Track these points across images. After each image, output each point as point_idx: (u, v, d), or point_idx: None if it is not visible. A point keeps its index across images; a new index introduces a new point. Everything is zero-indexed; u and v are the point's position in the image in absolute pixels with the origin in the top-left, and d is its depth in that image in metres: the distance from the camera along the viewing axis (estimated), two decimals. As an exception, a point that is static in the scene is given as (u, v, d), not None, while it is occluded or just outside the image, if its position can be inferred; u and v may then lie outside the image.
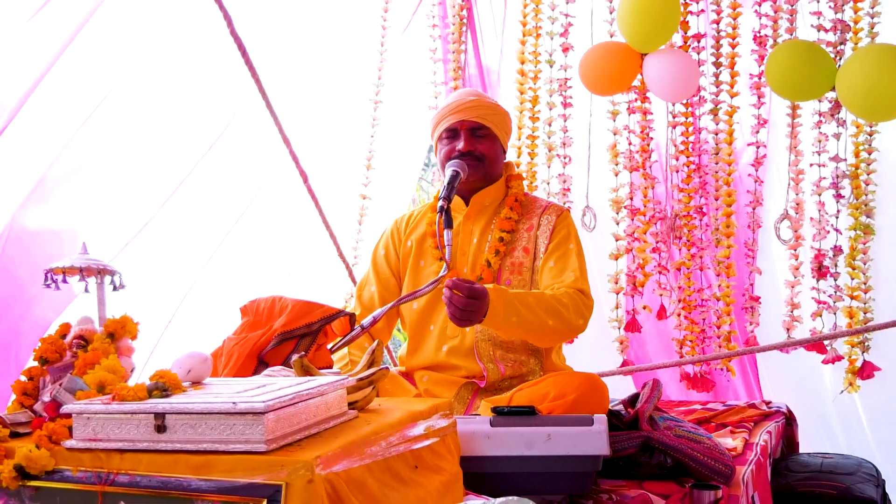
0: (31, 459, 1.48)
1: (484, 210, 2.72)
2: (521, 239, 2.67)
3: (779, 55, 3.26)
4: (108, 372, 1.66)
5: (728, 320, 3.60)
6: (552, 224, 2.66)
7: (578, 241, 2.66)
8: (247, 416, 1.41)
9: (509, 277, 2.63)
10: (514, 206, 2.70)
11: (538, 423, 2.12)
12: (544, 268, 2.61)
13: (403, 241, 2.79)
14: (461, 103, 2.68)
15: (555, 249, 2.62)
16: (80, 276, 1.90)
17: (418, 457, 1.69)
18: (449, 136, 2.68)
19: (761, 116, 3.58)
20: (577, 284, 2.52)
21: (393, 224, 2.87)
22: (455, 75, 3.98)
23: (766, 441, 2.95)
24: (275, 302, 2.44)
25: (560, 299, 2.44)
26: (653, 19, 3.43)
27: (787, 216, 3.52)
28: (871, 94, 3.06)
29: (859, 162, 3.43)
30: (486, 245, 2.67)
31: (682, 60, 3.50)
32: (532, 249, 2.65)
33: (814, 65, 3.20)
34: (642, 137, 3.70)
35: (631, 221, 3.73)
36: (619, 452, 2.35)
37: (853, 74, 3.09)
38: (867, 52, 3.17)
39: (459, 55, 3.99)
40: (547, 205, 2.75)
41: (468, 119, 2.65)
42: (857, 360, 3.43)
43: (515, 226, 2.68)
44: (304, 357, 1.93)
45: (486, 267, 2.63)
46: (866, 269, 3.42)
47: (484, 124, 2.65)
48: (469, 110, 2.66)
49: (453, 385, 2.57)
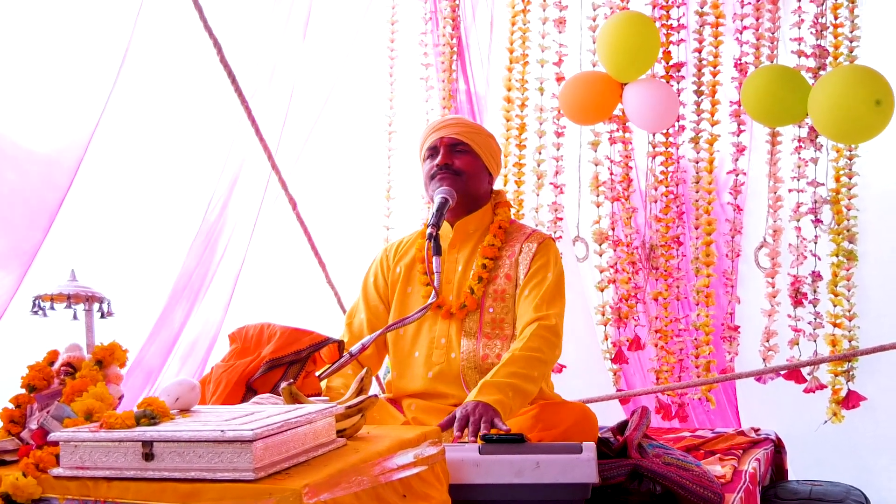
0: (18, 487, 1.47)
1: (469, 237, 2.73)
2: (503, 266, 2.68)
3: (754, 81, 3.29)
4: (95, 399, 1.66)
5: (707, 350, 3.59)
6: (533, 251, 2.67)
7: (558, 270, 2.65)
8: (235, 444, 1.41)
9: (492, 305, 2.64)
10: (498, 233, 2.71)
11: (527, 451, 2.11)
12: (520, 295, 2.62)
13: (392, 267, 2.81)
14: (441, 122, 2.76)
15: (531, 278, 2.63)
16: (68, 303, 1.90)
17: (407, 485, 1.68)
18: (430, 154, 2.73)
19: (740, 144, 3.59)
20: (544, 321, 2.51)
21: (382, 251, 2.88)
22: (445, 104, 4.00)
23: (756, 468, 2.95)
24: (263, 329, 2.44)
25: (530, 347, 2.45)
26: (632, 49, 3.46)
27: (765, 244, 3.53)
28: (841, 116, 3.09)
29: (840, 187, 3.42)
30: (470, 272, 2.68)
31: (662, 90, 3.52)
32: (514, 276, 2.66)
33: (789, 89, 3.22)
34: (623, 167, 3.71)
35: (614, 252, 3.73)
36: (608, 480, 2.34)
37: (823, 97, 3.12)
38: (836, 74, 3.19)
39: (450, 83, 4.01)
40: (531, 232, 2.76)
41: (447, 136, 2.70)
42: (840, 389, 3.40)
43: (498, 252, 2.69)
44: (292, 384, 1.93)
45: (469, 294, 2.64)
46: (850, 296, 3.40)
47: (462, 140, 2.69)
48: (448, 128, 2.71)
49: (441, 413, 2.56)
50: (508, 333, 2.62)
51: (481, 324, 2.63)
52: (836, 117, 3.11)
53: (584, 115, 3.64)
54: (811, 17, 3.42)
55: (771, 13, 3.51)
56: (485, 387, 2.34)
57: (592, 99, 3.58)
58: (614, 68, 3.52)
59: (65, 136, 2.64)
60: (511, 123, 3.89)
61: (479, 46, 4.11)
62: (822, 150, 3.42)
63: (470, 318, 2.64)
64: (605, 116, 3.66)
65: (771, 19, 3.51)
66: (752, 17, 3.53)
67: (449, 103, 3.99)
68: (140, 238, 3.10)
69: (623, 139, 3.71)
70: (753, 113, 3.34)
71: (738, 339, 3.59)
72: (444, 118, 2.81)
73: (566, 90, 3.62)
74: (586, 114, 3.63)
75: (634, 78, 3.54)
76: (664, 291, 3.65)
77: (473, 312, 2.64)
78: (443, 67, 4.01)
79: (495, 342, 2.61)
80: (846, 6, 3.41)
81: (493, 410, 2.25)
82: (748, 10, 3.54)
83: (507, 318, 2.63)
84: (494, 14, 4.08)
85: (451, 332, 2.64)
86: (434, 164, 2.68)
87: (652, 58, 3.52)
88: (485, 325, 2.62)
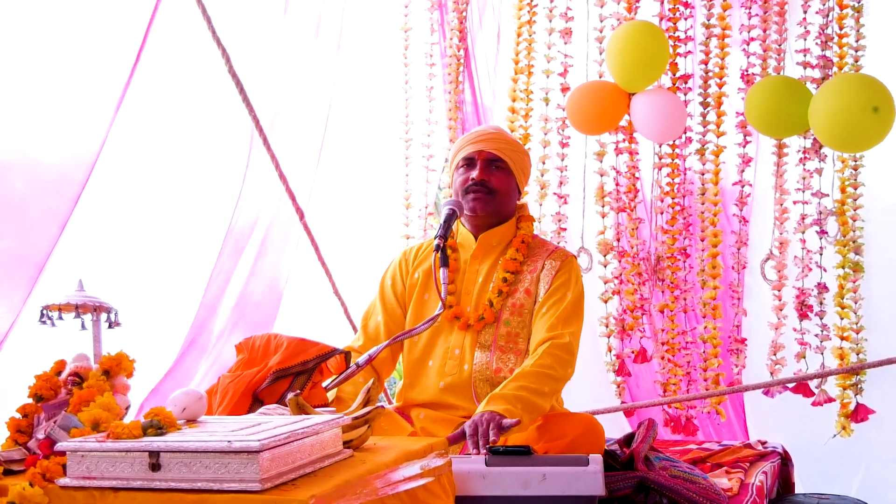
0: (25, 497, 1.47)
1: (491, 250, 2.72)
2: (524, 280, 2.67)
3: (757, 92, 3.27)
4: (102, 409, 1.66)
5: (715, 362, 3.57)
6: (556, 269, 2.66)
7: (578, 289, 2.64)
8: (242, 454, 1.41)
9: (510, 318, 2.63)
10: (521, 248, 2.70)
11: (534, 463, 2.11)
12: (538, 313, 2.61)
13: (411, 272, 2.79)
14: (482, 133, 2.71)
15: (550, 295, 2.62)
16: (76, 313, 1.90)
17: (413, 496, 1.68)
18: (466, 164, 2.69)
19: (746, 155, 3.57)
20: (558, 339, 2.51)
21: (402, 254, 2.86)
22: (451, 115, 4.00)
23: (762, 481, 2.94)
24: (270, 340, 2.44)
25: (541, 364, 2.45)
26: (641, 59, 3.44)
27: (771, 256, 3.52)
28: (839, 123, 3.07)
29: (845, 198, 3.40)
30: (490, 285, 2.68)
31: (670, 101, 3.51)
32: (534, 292, 2.65)
33: (792, 100, 3.21)
34: (629, 178, 3.70)
35: (619, 263, 3.71)
36: (614, 493, 2.34)
37: (823, 106, 3.10)
38: (835, 82, 3.18)
39: (456, 94, 4.01)
40: (554, 249, 2.75)
41: (486, 150, 2.66)
42: (849, 402, 3.37)
43: (520, 267, 2.68)
44: (299, 395, 1.93)
45: (488, 307, 2.63)
46: (857, 309, 3.37)
47: (501, 157, 2.66)
48: (489, 141, 2.67)
49: (450, 424, 2.56)
50: (522, 348, 2.61)
51: (496, 337, 2.62)
52: (834, 125, 3.09)
53: (590, 125, 3.62)
54: (817, 28, 3.43)
55: (778, 25, 3.51)
56: (492, 399, 2.34)
57: (599, 109, 3.56)
58: (623, 78, 3.51)
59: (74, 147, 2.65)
60: (515, 134, 3.88)
61: (485, 57, 4.12)
62: (826, 161, 3.40)
63: (486, 331, 2.63)
64: (612, 126, 3.64)
65: (778, 31, 3.51)
66: (759, 28, 3.54)
67: (455, 114, 3.99)
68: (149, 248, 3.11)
69: (629, 150, 3.70)
70: (757, 124, 3.33)
71: (745, 351, 3.57)
72: (484, 129, 2.73)
73: (573, 99, 3.60)
74: (593, 123, 3.61)
75: (642, 88, 3.52)
76: (670, 303, 3.64)
77: (490, 325, 2.63)
78: (449, 78, 4.02)
79: (509, 356, 2.60)
80: (852, 17, 3.40)
81: (499, 415, 2.24)
82: (755, 22, 3.54)
83: (523, 333, 2.63)
84: (501, 25, 4.08)
85: (465, 343, 2.63)
86: (470, 176, 2.65)
87: (661, 68, 3.50)
88: (500, 338, 2.62)
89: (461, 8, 4.00)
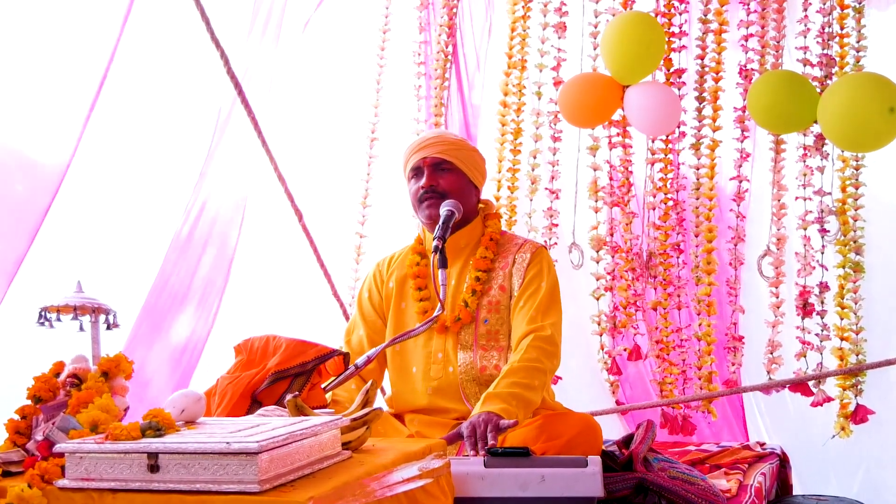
0: (24, 499, 1.47)
1: (461, 251, 2.73)
2: (496, 277, 2.68)
3: (761, 86, 3.24)
4: (101, 411, 1.66)
5: (709, 360, 3.53)
6: (527, 261, 2.68)
7: (552, 279, 2.66)
8: (240, 455, 1.41)
9: (487, 316, 2.65)
10: (490, 245, 2.71)
11: (532, 465, 2.11)
12: (515, 307, 2.63)
13: (385, 282, 2.81)
14: (423, 140, 2.73)
15: (525, 288, 2.63)
16: (75, 314, 1.90)
17: (412, 498, 1.68)
18: (414, 175, 2.72)
19: (744, 150, 3.54)
20: (539, 332, 2.53)
21: (375, 266, 2.89)
22: (437, 111, 3.96)
23: (761, 483, 2.94)
24: (269, 341, 2.44)
25: (528, 358, 2.47)
26: (637, 50, 3.39)
27: (768, 252, 3.49)
28: (853, 123, 3.04)
29: (846, 197, 3.38)
30: (463, 286, 2.68)
31: (664, 93, 3.46)
32: (508, 287, 2.67)
33: (796, 96, 3.18)
34: (623, 172, 3.65)
35: (612, 259, 3.67)
36: (613, 494, 2.34)
37: (834, 104, 3.07)
38: (848, 81, 3.15)
39: (442, 91, 3.97)
40: (523, 242, 2.76)
41: (430, 155, 2.68)
42: (849, 403, 3.35)
43: (491, 264, 2.70)
44: (297, 397, 1.93)
45: (463, 307, 2.64)
46: (857, 309, 3.35)
47: (446, 158, 2.67)
48: (430, 146, 2.69)
49: (444, 427, 2.56)
50: (504, 344, 2.63)
51: (476, 336, 2.63)
52: (847, 125, 3.06)
53: (583, 118, 3.56)
54: (817, 26, 3.41)
55: (776, 21, 3.49)
56: (488, 398, 2.35)
57: (593, 101, 3.50)
58: (617, 69, 3.44)
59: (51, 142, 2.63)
60: (506, 128, 3.85)
61: (475, 53, 4.06)
62: (827, 159, 3.39)
63: (465, 331, 2.65)
64: (605, 119, 3.59)
65: (776, 28, 3.49)
66: (757, 24, 3.52)
67: (440, 111, 3.95)
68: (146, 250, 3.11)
69: (623, 143, 3.66)
70: (759, 119, 3.28)
71: (742, 349, 3.55)
72: (424, 136, 2.76)
73: (566, 92, 3.54)
74: (586, 116, 3.55)
75: (637, 80, 3.46)
76: (664, 301, 3.61)
77: (468, 325, 2.65)
78: (436, 75, 3.97)
79: (492, 353, 2.61)
80: (853, 16, 3.39)
81: (496, 416, 2.26)
82: (753, 18, 3.51)
83: (503, 330, 2.64)
84: (493, 20, 4.03)
85: (447, 346, 2.65)
86: (419, 185, 2.68)
87: (656, 59, 3.46)
88: (480, 337, 2.63)
89: (452, 4, 3.95)
